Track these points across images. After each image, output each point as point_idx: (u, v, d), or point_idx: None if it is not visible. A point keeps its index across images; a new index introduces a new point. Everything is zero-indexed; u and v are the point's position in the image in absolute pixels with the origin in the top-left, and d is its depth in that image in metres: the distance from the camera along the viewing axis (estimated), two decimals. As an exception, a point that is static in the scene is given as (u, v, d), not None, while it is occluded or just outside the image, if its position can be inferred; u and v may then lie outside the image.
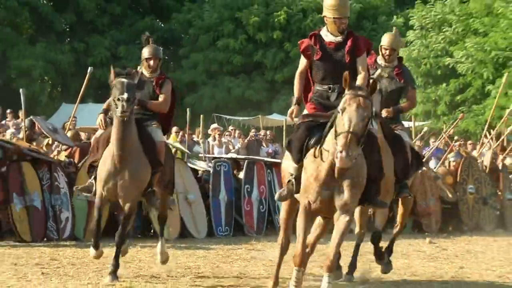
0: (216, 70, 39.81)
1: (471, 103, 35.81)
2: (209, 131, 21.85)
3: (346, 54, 9.18)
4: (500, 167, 21.31)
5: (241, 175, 18.56)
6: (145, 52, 11.67)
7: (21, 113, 18.75)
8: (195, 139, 21.21)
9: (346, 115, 8.19)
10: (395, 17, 41.51)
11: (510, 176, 21.49)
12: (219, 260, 13.73)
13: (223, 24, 39.86)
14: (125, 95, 10.21)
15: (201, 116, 23.59)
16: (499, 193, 21.04)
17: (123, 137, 10.52)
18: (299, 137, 9.03)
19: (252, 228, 18.19)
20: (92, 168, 11.20)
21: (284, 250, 9.96)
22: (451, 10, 38.56)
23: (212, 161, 18.39)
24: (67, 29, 41.28)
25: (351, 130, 8.12)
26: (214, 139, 21.20)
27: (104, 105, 11.46)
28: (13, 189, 15.30)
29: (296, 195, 9.45)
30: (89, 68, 16.76)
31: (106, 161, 10.76)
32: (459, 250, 15.73)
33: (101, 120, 11.25)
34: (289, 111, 9.50)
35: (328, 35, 9.40)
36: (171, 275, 11.83)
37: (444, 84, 36.74)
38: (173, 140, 18.18)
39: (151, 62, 11.53)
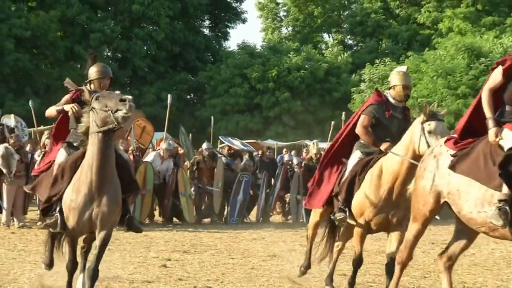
0: (229, 109, 39.77)
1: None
2: (225, 151, 21.79)
3: None
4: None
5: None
6: (95, 72, 7.51)
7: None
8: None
9: None
10: (353, 74, 41.54)
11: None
12: (230, 240, 13.66)
13: (234, 78, 39.84)
14: (129, 96, 6.51)
15: (218, 140, 23.57)
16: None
17: (105, 158, 6.70)
18: None
19: (257, 218, 18.08)
20: (51, 201, 7.07)
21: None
22: (391, 69, 38.56)
23: (239, 174, 17.71)
24: (127, 81, 41.27)
25: None
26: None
27: (56, 109, 7.69)
28: None
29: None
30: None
31: (80, 189, 6.80)
32: (395, 234, 15.61)
33: (74, 106, 7.35)
34: (493, 133, 6.10)
35: None
36: (197, 251, 11.77)
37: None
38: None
39: (105, 82, 7.45)
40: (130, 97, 6.51)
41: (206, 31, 46.25)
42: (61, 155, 7.47)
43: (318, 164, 18.30)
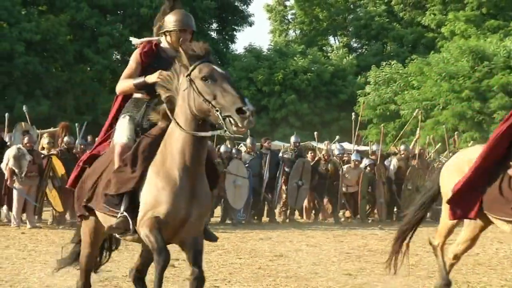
0: (236, 112, 39.87)
1: (409, 135, 35.77)
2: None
3: None
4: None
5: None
6: (174, 21, 5.65)
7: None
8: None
9: None
10: (359, 76, 41.56)
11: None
12: (238, 240, 13.66)
13: (241, 81, 39.85)
14: (251, 106, 4.77)
15: (226, 142, 23.53)
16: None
17: (201, 141, 5.09)
18: None
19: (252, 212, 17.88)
20: (116, 195, 5.28)
21: None
22: (396, 71, 38.58)
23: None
24: (136, 84, 41.40)
25: None
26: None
27: (135, 82, 5.59)
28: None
29: None
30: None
31: (168, 178, 5.07)
32: (400, 234, 15.59)
33: (162, 74, 5.28)
34: None
35: None
36: (205, 250, 11.72)
37: (392, 122, 36.67)
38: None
39: (185, 36, 5.63)
40: (252, 108, 4.79)
41: (214, 34, 46.30)
42: (123, 133, 5.57)
43: (326, 165, 18.23)
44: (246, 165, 17.41)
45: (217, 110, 4.79)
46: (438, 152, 22.40)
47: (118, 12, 40.65)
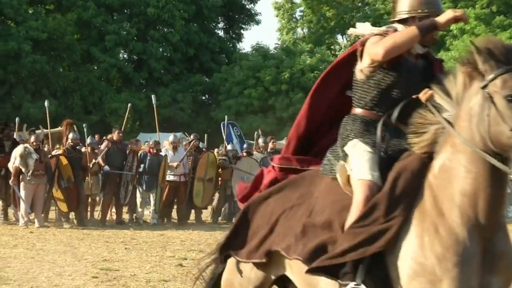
0: (243, 110, 39.83)
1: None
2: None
3: None
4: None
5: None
6: (425, 2, 4.19)
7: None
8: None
9: None
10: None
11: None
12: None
13: (248, 80, 39.85)
14: None
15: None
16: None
17: (503, 182, 3.54)
18: None
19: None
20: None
21: None
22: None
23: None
24: (143, 83, 41.39)
25: None
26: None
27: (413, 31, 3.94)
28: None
29: None
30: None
31: (453, 238, 3.45)
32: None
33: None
34: None
35: None
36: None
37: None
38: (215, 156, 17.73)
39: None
40: None
41: (221, 33, 46.34)
42: (363, 166, 3.81)
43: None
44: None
45: None
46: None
47: (125, 11, 40.75)
